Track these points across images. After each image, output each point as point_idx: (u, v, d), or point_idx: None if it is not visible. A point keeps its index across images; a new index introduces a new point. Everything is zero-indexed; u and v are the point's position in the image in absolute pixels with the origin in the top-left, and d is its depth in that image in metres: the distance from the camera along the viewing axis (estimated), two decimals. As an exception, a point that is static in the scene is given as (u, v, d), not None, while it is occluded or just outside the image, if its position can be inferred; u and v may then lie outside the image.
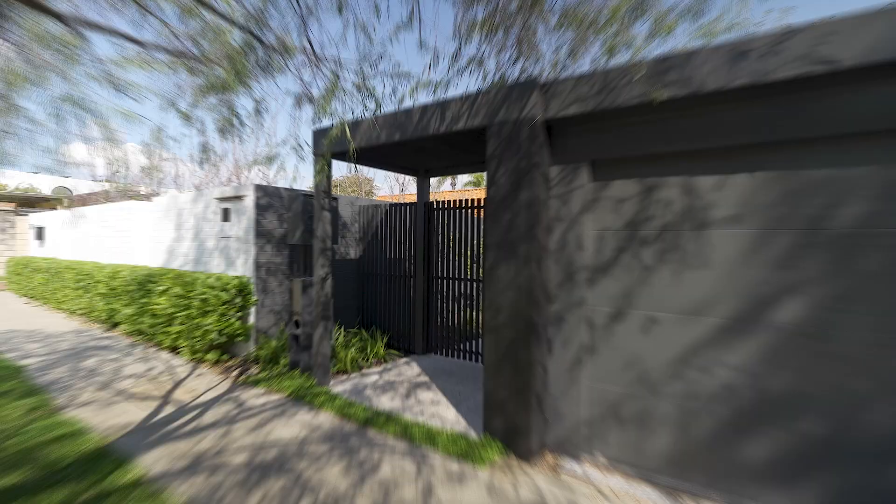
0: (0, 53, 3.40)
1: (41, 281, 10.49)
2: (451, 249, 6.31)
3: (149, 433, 3.73)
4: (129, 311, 7.00)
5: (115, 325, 7.71)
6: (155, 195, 9.68)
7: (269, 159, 4.52)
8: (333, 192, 9.57)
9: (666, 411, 3.16)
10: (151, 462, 3.23)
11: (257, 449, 3.46)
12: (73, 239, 10.98)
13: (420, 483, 3.01)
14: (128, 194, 11.27)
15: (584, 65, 3.22)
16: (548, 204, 3.55)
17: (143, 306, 6.72)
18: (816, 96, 2.60)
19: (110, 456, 3.29)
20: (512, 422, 3.53)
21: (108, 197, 14.22)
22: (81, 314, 8.87)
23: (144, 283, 6.70)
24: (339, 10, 3.09)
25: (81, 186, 22.15)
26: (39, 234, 12.72)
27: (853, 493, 2.57)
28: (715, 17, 2.74)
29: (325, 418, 4.07)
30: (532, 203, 3.44)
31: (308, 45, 3.34)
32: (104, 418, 4.01)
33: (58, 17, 2.80)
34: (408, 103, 3.81)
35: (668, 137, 3.08)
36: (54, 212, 12.44)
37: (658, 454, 3.17)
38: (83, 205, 14.35)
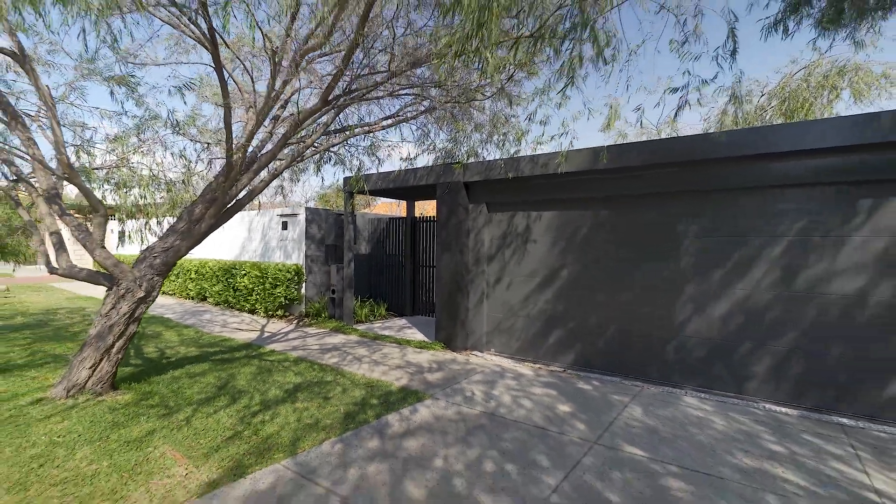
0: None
1: (132, 271, 14.10)
2: (428, 247, 9.80)
3: (263, 340, 7.25)
4: (217, 288, 10.57)
5: (204, 298, 11.29)
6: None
7: (322, 196, 8.06)
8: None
9: (519, 325, 6.62)
10: (272, 347, 6.75)
11: (321, 344, 6.98)
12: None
13: (400, 353, 6.52)
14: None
15: (488, 152, 6.68)
16: (467, 223, 7.03)
17: (228, 284, 10.27)
18: (563, 182, 6.07)
19: (252, 345, 6.82)
20: (449, 333, 7.01)
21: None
22: (171, 294, 12.47)
23: (229, 269, 10.25)
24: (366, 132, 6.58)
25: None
26: (121, 236, 16.35)
27: (585, 353, 6.02)
28: (539, 134, 6.19)
29: (353, 337, 7.59)
30: (458, 223, 6.93)
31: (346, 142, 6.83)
32: (237, 336, 7.54)
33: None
34: (396, 166, 7.32)
35: (518, 193, 6.56)
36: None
37: (515, 345, 6.64)
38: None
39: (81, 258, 19.08)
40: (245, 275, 9.80)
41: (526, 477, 3.14)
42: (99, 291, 13.15)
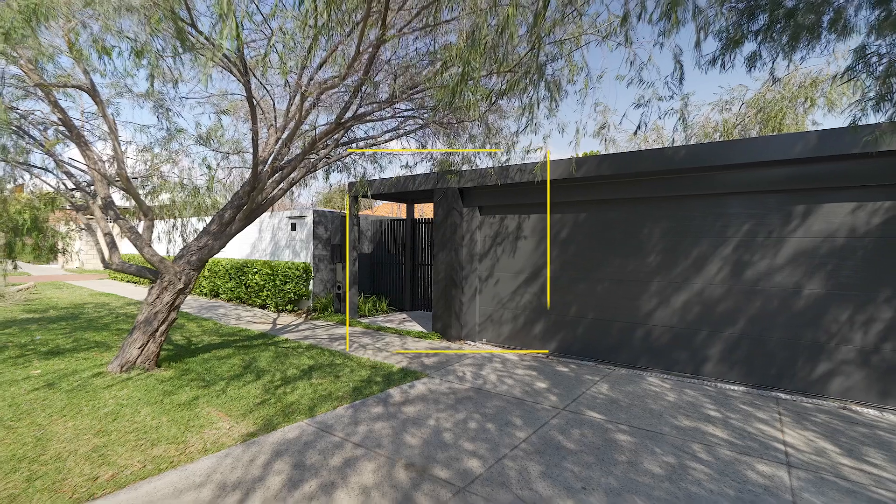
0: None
1: (146, 270, 14.86)
2: (426, 247, 10.54)
3: (277, 331, 8.00)
4: (229, 285, 11.32)
5: (216, 295, 12.05)
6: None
7: (326, 197, 8.80)
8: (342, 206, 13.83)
9: (508, 316, 7.36)
10: (285, 337, 7.50)
11: (329, 335, 7.73)
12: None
13: (400, 342, 7.26)
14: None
15: (480, 161, 7.41)
16: (461, 224, 7.77)
17: (240, 281, 11.02)
18: (539, 188, 6.80)
19: (267, 334, 7.57)
20: (444, 324, 7.75)
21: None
22: (185, 291, 13.23)
23: (241, 267, 11.00)
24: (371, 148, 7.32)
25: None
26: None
27: (565, 341, 6.76)
28: (527, 144, 6.95)
29: (358, 328, 8.34)
30: (453, 224, 7.67)
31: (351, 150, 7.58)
32: (252, 327, 8.29)
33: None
34: (397, 171, 8.07)
35: (507, 198, 7.30)
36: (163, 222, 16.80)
37: (504, 335, 7.38)
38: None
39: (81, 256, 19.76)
40: (257, 272, 10.55)
41: (502, 432, 3.88)
42: (117, 289, 13.92)
